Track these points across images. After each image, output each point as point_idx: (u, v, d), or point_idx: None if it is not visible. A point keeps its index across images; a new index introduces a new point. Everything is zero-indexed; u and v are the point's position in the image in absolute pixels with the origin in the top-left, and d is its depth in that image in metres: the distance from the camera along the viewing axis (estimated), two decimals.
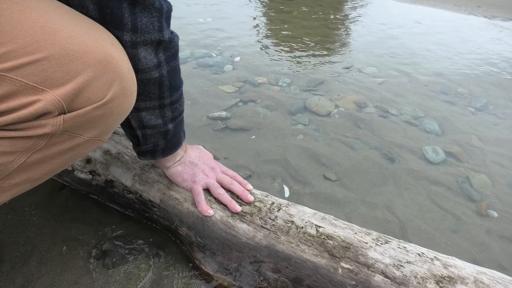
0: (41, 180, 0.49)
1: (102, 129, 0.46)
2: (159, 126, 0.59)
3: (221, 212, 0.66)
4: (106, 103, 0.43)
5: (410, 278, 0.54)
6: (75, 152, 0.47)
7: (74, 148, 0.46)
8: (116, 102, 0.44)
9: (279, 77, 1.71)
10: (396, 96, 1.66)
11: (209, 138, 1.20)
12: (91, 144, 0.47)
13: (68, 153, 0.46)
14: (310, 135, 1.28)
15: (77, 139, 0.44)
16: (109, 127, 0.47)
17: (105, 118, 0.45)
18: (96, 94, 0.41)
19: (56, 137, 0.42)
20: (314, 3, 3.45)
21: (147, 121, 0.57)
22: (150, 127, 0.58)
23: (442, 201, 1.05)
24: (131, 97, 0.47)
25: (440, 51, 2.43)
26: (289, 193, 1.01)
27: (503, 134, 1.45)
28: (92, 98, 0.41)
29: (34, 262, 0.69)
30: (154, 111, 0.57)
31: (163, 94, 0.56)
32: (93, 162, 0.73)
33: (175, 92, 0.58)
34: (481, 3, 4.24)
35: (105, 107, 0.43)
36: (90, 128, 0.44)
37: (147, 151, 0.62)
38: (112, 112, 0.45)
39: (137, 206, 0.75)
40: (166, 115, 0.59)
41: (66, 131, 0.42)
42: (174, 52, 0.55)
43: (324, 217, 0.65)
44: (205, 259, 0.69)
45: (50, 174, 0.49)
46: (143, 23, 0.46)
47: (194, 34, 2.19)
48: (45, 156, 0.43)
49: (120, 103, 0.45)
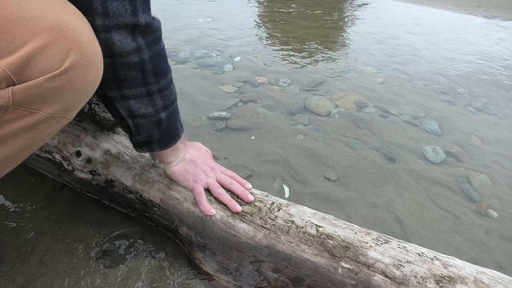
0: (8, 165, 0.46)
1: (64, 104, 0.43)
2: (150, 115, 0.57)
3: (221, 212, 0.66)
4: (62, 73, 0.40)
5: (410, 278, 0.54)
6: (38, 131, 0.44)
7: (35, 126, 0.42)
8: (76, 73, 0.41)
9: (279, 77, 1.71)
10: (396, 96, 1.66)
11: (209, 138, 1.20)
12: (55, 122, 0.45)
13: (29, 132, 0.43)
14: (310, 135, 1.28)
15: (35, 116, 0.41)
16: (71, 102, 0.44)
17: (64, 91, 0.41)
18: (49, 63, 0.38)
19: (10, 113, 0.39)
20: (314, 3, 3.46)
21: (136, 110, 0.56)
22: (140, 116, 0.57)
23: (442, 201, 1.05)
24: (94, 69, 0.44)
25: (440, 51, 2.43)
26: (289, 193, 1.01)
27: (503, 134, 1.45)
28: (44, 68, 0.38)
29: (34, 262, 0.69)
30: (143, 99, 0.55)
31: (148, 80, 0.54)
32: (93, 162, 0.73)
33: (163, 79, 0.56)
34: (481, 3, 4.24)
35: (62, 77, 0.40)
36: (49, 102, 0.41)
37: (142, 142, 0.61)
38: (71, 84, 0.41)
39: (137, 206, 0.75)
40: (157, 103, 0.57)
41: (20, 106, 0.39)
42: (156, 37, 0.53)
43: (324, 217, 0.65)
44: (205, 259, 0.69)
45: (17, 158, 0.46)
46: (114, 6, 0.45)
47: (194, 34, 2.19)
48: (3, 134, 0.41)
49: (81, 75, 0.42)
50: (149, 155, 0.74)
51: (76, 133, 0.74)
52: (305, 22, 2.76)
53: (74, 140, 0.74)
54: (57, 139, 0.74)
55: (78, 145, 0.73)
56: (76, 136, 0.74)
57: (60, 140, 0.74)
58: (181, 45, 1.97)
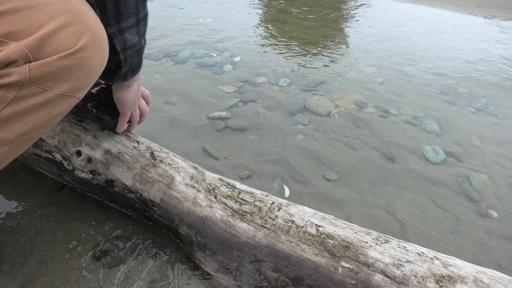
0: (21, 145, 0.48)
1: (74, 83, 0.46)
2: (136, 44, 0.57)
3: (221, 211, 0.66)
4: (75, 53, 0.43)
5: (410, 277, 0.54)
6: (49, 110, 0.46)
7: (47, 105, 0.45)
8: (86, 52, 0.45)
9: (279, 77, 1.71)
10: (396, 96, 1.66)
11: (209, 138, 1.20)
12: (65, 101, 0.47)
13: (41, 110, 0.45)
14: (310, 135, 1.28)
15: (48, 93, 0.44)
16: (81, 81, 0.47)
17: (75, 70, 0.45)
18: (63, 43, 0.42)
19: (25, 89, 0.42)
20: (314, 3, 3.46)
21: (129, 41, 0.56)
22: (130, 47, 0.57)
23: (442, 201, 1.05)
24: (102, 51, 0.48)
25: (440, 51, 2.43)
26: (289, 193, 1.01)
27: (503, 134, 1.45)
28: (59, 47, 0.42)
29: (34, 261, 0.69)
30: (133, 29, 0.55)
31: (139, 7, 0.55)
32: (94, 162, 0.73)
33: (146, 3, 0.57)
34: (481, 3, 4.24)
35: (74, 57, 0.43)
36: (61, 81, 0.44)
37: (121, 75, 0.60)
38: (82, 63, 0.45)
39: (137, 205, 0.75)
40: (140, 31, 0.57)
41: (35, 83, 0.42)
42: None
43: (324, 217, 0.65)
44: (205, 259, 0.69)
45: (29, 137, 0.48)
46: None
47: (194, 34, 2.19)
48: (17, 111, 0.43)
49: (90, 55, 0.45)
50: (149, 154, 0.74)
51: (77, 133, 0.74)
52: (305, 22, 2.76)
53: (74, 140, 0.74)
54: (57, 139, 0.74)
55: (79, 145, 0.74)
56: (76, 136, 0.74)
57: (61, 140, 0.74)
58: (181, 45, 1.97)
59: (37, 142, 0.76)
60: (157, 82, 1.54)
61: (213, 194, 0.69)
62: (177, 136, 1.19)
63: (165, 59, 1.78)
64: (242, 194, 0.69)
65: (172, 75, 1.61)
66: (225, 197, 0.69)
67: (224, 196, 0.69)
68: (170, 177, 0.71)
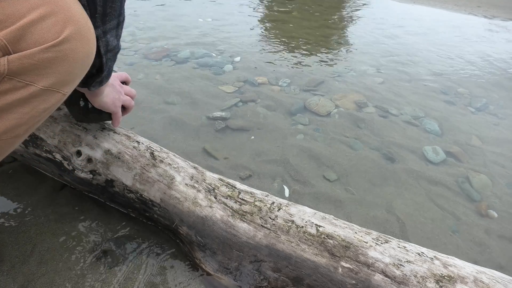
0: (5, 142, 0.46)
1: (58, 78, 0.44)
2: (116, 47, 0.57)
3: (221, 211, 0.66)
4: (57, 45, 0.41)
5: (410, 277, 0.54)
6: (32, 106, 0.44)
7: (30, 100, 0.43)
8: (70, 45, 0.42)
9: (279, 77, 1.71)
10: (396, 96, 1.67)
11: (209, 138, 1.20)
12: (49, 96, 0.45)
13: (24, 106, 0.43)
14: (310, 135, 1.28)
15: (30, 88, 0.42)
16: (65, 76, 0.45)
17: (59, 63, 0.43)
18: (45, 35, 0.40)
19: (5, 83, 0.40)
20: (314, 3, 3.46)
21: (110, 43, 0.55)
22: (111, 50, 0.56)
23: (442, 201, 1.05)
24: (87, 44, 0.46)
25: (440, 51, 2.43)
26: (289, 193, 1.01)
27: (503, 134, 1.45)
28: (40, 39, 0.40)
29: (34, 261, 0.69)
30: (113, 31, 0.55)
31: (121, 10, 0.54)
32: (94, 162, 0.73)
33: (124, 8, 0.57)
34: (481, 3, 4.24)
35: (56, 49, 0.41)
36: (43, 75, 0.42)
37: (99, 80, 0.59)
38: (65, 56, 0.43)
39: (137, 205, 0.75)
40: (119, 34, 0.57)
41: (15, 77, 0.40)
42: None
43: (324, 217, 0.65)
44: (205, 259, 0.69)
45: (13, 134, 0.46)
46: None
47: (194, 34, 2.19)
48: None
49: (74, 47, 0.43)
50: (149, 154, 0.74)
51: (77, 133, 0.74)
52: (305, 22, 2.76)
53: (74, 140, 0.74)
54: (57, 139, 0.74)
55: (79, 145, 0.74)
56: (76, 136, 0.74)
57: (61, 140, 0.74)
58: (181, 45, 1.97)
59: (37, 142, 0.76)
60: (157, 82, 1.54)
61: (213, 194, 0.69)
62: (177, 136, 1.19)
63: (165, 59, 1.78)
64: (242, 194, 0.69)
65: (172, 75, 1.61)
66: (225, 197, 0.69)
67: (224, 196, 0.69)
68: (170, 177, 0.71)
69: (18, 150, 0.81)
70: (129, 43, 1.93)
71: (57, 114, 0.76)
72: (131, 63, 1.70)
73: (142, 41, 1.97)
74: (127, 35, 2.02)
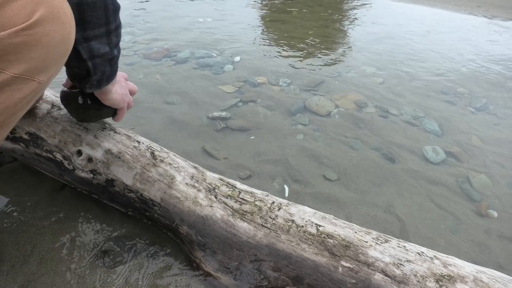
0: None
1: (30, 64, 0.41)
2: (107, 54, 0.57)
3: (221, 211, 0.66)
4: (27, 28, 0.38)
5: (410, 277, 0.54)
6: (6, 95, 0.41)
7: (2, 88, 0.40)
8: (42, 28, 0.40)
9: (279, 77, 1.72)
10: (396, 96, 1.67)
11: (209, 138, 1.20)
12: (23, 85, 0.42)
13: None
14: (310, 135, 1.29)
15: (1, 76, 0.39)
16: (39, 62, 0.42)
17: (30, 48, 0.40)
18: (13, 18, 0.37)
19: None
20: (314, 3, 3.46)
21: (97, 50, 0.55)
22: (99, 56, 0.56)
23: (442, 201, 1.05)
24: (62, 27, 0.42)
25: (440, 51, 2.43)
26: (289, 193, 1.01)
27: (503, 134, 1.45)
28: (8, 23, 0.37)
29: (34, 261, 0.69)
30: (102, 39, 0.55)
31: (109, 19, 0.54)
32: (94, 161, 0.73)
33: (117, 15, 0.56)
34: (481, 3, 4.24)
35: (26, 33, 0.38)
36: (14, 61, 0.39)
37: (93, 82, 0.60)
38: (37, 40, 0.40)
39: (137, 205, 0.75)
40: (112, 41, 0.57)
41: None
42: None
43: (324, 216, 0.65)
44: (206, 258, 0.69)
45: None
46: None
47: (194, 34, 2.19)
48: None
49: (48, 31, 0.40)
50: (149, 153, 0.74)
51: (77, 133, 0.74)
52: (305, 22, 2.76)
53: (75, 140, 0.74)
54: (58, 139, 0.74)
55: (79, 145, 0.74)
56: (77, 136, 0.74)
57: (61, 140, 0.74)
58: (181, 45, 1.97)
59: (37, 141, 0.76)
60: (157, 82, 1.54)
61: (213, 193, 0.69)
62: (177, 136, 1.19)
63: (165, 59, 1.78)
64: (242, 193, 0.69)
65: (172, 75, 1.61)
66: (226, 196, 0.69)
67: (224, 195, 0.69)
68: (171, 176, 0.71)
69: (18, 150, 0.81)
70: (129, 43, 1.93)
71: (58, 114, 0.76)
72: (131, 63, 1.70)
73: (142, 41, 1.97)
74: (127, 35, 2.03)
